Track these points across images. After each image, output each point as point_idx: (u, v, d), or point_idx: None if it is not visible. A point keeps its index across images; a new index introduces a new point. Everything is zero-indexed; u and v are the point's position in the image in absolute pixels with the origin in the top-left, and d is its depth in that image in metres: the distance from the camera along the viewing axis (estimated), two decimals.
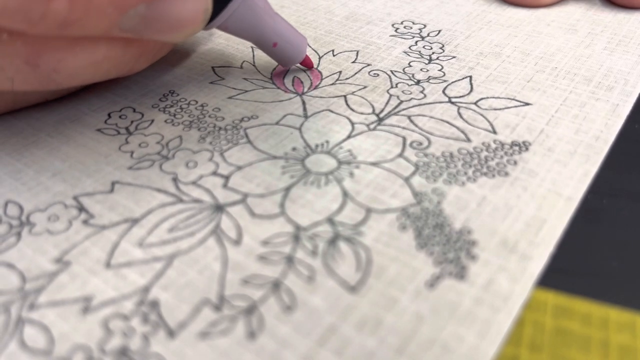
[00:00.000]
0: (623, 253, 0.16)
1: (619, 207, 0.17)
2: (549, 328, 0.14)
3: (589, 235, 0.16)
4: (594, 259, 0.15)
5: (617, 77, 0.22)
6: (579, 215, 0.16)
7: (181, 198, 0.17)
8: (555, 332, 0.13)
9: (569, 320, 0.14)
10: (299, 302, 0.14)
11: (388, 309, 0.14)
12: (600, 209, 0.17)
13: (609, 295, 0.14)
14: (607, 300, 0.14)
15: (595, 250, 0.16)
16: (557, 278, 0.15)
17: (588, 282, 0.15)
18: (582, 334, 0.13)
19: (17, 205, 0.17)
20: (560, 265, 0.15)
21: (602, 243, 0.16)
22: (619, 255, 0.16)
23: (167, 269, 0.15)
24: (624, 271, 0.15)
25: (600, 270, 0.15)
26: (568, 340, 0.13)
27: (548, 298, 0.14)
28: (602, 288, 0.15)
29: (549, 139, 0.19)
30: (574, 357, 0.13)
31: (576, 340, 0.13)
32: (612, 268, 0.15)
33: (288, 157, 0.18)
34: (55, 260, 0.15)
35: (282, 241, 0.15)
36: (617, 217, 0.17)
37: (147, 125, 0.20)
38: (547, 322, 0.14)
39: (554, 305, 0.14)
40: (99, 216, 0.16)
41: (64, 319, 0.14)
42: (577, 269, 0.15)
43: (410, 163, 0.18)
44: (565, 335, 0.13)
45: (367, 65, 0.23)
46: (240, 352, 0.13)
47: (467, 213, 0.16)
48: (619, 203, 0.17)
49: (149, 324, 0.13)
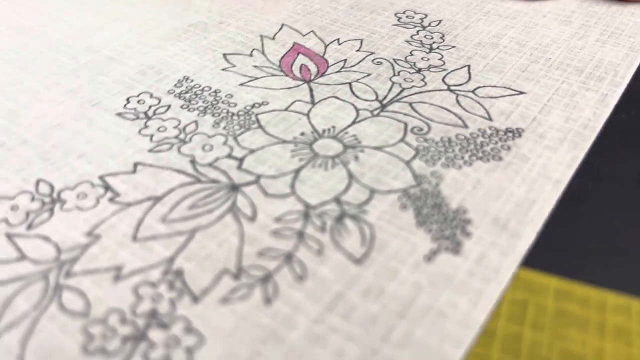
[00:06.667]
0: (604, 234, 0.17)
1: (602, 191, 0.19)
2: (551, 310, 0.15)
3: (573, 216, 0.18)
4: (578, 239, 0.17)
5: (608, 68, 0.23)
6: (565, 197, 0.18)
7: (199, 178, 0.18)
8: (555, 314, 0.15)
9: (569, 302, 0.15)
10: (310, 272, 0.15)
11: (390, 279, 0.15)
12: (585, 193, 0.18)
13: (586, 272, 0.16)
14: (584, 277, 0.16)
15: (579, 230, 0.17)
16: (547, 256, 0.16)
17: (571, 259, 0.16)
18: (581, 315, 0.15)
19: (48, 184, 0.18)
20: (546, 243, 0.16)
21: (587, 223, 0.17)
22: (600, 236, 0.17)
23: (189, 242, 0.16)
24: (605, 250, 0.17)
25: (585, 248, 0.17)
26: (567, 321, 0.14)
27: (550, 282, 0.15)
28: (580, 265, 0.16)
29: (541, 126, 0.20)
30: (573, 336, 0.14)
31: (575, 321, 0.14)
32: (596, 247, 0.17)
33: (297, 141, 0.20)
34: (86, 234, 0.16)
35: (293, 218, 0.17)
36: (600, 200, 0.18)
37: (164, 110, 0.21)
38: (549, 304, 0.15)
39: (555, 288, 0.15)
40: (124, 194, 0.18)
41: (98, 285, 0.15)
42: (563, 246, 0.17)
43: (411, 147, 0.19)
44: (565, 316, 0.15)
45: (371, 54, 0.24)
46: (257, 316, 0.14)
47: (463, 194, 0.18)
48: (603, 187, 0.19)
49: (175, 290, 0.15)
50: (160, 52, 0.25)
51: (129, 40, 0.26)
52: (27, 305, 0.15)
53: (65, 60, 0.24)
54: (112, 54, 0.25)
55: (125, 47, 0.25)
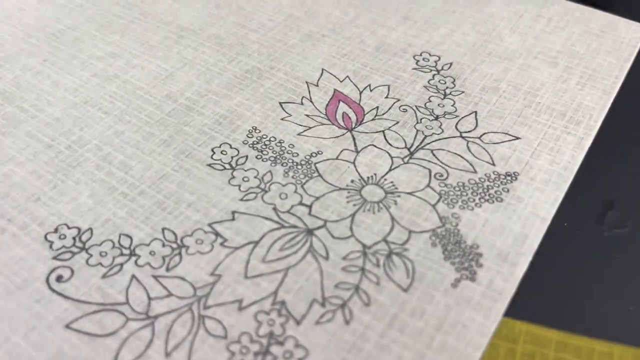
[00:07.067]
0: (577, 270, 0.24)
1: (576, 229, 0.25)
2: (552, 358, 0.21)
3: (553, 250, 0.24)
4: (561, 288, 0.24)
5: (584, 112, 0.30)
6: (548, 232, 0.25)
7: (282, 224, 0.25)
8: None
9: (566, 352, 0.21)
10: (372, 299, 0.22)
11: (428, 302, 0.22)
12: (563, 230, 0.25)
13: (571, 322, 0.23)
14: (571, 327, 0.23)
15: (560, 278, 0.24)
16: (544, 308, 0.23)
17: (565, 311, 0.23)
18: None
19: (172, 232, 0.25)
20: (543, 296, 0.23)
21: (563, 260, 0.24)
22: (572, 276, 0.24)
23: (285, 278, 0.23)
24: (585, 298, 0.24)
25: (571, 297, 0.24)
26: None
27: (552, 335, 0.22)
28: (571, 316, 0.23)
29: (532, 170, 0.27)
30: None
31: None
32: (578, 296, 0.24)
33: (349, 188, 0.26)
34: (210, 274, 0.23)
35: (355, 256, 0.24)
36: (575, 238, 0.25)
37: (243, 161, 0.27)
38: (550, 354, 0.21)
39: (556, 340, 0.22)
40: (230, 240, 0.24)
41: (228, 314, 0.22)
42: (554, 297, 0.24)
43: (435, 192, 0.26)
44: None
45: (397, 100, 0.31)
46: (341, 333, 0.21)
47: (476, 232, 0.24)
48: (578, 225, 0.26)
49: (282, 316, 0.22)
50: (228, 101, 0.30)
51: (199, 89, 0.31)
52: (184, 331, 0.21)
53: (151, 109, 0.30)
54: (189, 103, 0.30)
55: (198, 95, 0.31)
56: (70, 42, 0.34)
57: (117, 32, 0.35)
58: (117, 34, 0.35)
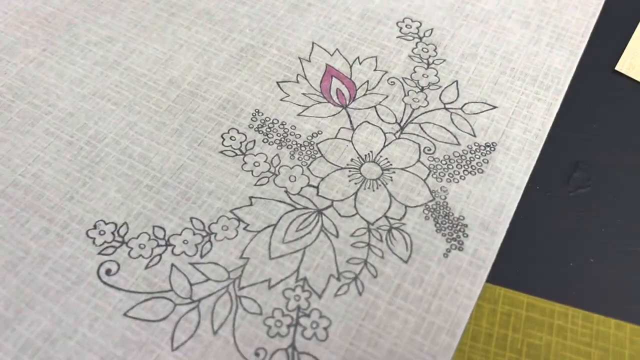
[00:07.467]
0: (543, 235, 0.29)
1: (546, 192, 0.30)
2: (523, 317, 0.26)
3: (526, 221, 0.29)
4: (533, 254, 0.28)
5: (553, 76, 0.33)
6: (522, 197, 0.29)
7: (295, 206, 0.28)
8: (526, 319, 0.27)
9: (534, 312, 0.26)
10: (379, 271, 0.27)
11: (425, 272, 0.27)
12: (535, 193, 0.29)
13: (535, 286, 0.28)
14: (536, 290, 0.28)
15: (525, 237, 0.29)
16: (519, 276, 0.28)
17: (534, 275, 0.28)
18: (539, 319, 0.26)
19: (199, 221, 0.28)
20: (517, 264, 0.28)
21: (534, 226, 0.29)
22: (541, 238, 0.29)
23: (304, 257, 0.27)
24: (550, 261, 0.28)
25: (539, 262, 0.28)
26: (532, 325, 0.26)
27: (523, 298, 0.27)
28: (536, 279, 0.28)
29: (507, 139, 0.31)
30: (535, 334, 0.26)
31: (536, 324, 0.26)
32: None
33: (350, 167, 0.30)
34: (239, 257, 0.27)
35: (361, 233, 0.28)
36: (545, 200, 0.29)
37: (251, 146, 0.30)
38: (522, 313, 0.26)
39: (526, 302, 0.27)
40: (251, 224, 0.28)
41: (260, 293, 0.26)
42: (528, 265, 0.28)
43: (425, 166, 0.30)
44: (531, 321, 0.27)
45: (385, 73, 0.33)
46: (356, 303, 0.26)
47: (461, 204, 0.28)
48: (547, 188, 0.30)
49: (306, 291, 0.26)
50: (228, 83, 0.33)
51: (199, 72, 0.33)
52: (225, 311, 0.26)
53: (158, 97, 0.32)
54: (192, 88, 0.32)
55: (199, 79, 0.33)
56: (64, 27, 0.35)
57: (107, 13, 0.35)
58: (107, 14, 0.35)
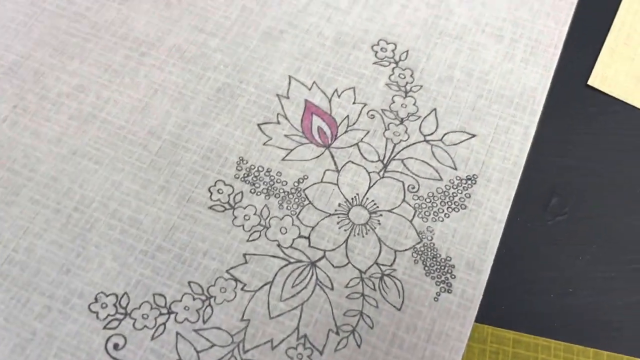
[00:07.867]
0: (521, 261, 0.30)
1: (526, 222, 0.31)
2: (510, 353, 0.28)
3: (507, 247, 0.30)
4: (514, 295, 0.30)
5: (529, 96, 0.33)
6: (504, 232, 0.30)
7: (289, 260, 0.29)
8: (512, 356, 0.28)
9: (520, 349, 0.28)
10: (374, 321, 0.28)
11: (418, 317, 0.28)
12: (515, 225, 0.31)
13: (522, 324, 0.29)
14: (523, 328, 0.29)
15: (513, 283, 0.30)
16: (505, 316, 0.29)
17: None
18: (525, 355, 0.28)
19: (197, 284, 0.29)
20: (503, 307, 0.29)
21: (516, 252, 0.30)
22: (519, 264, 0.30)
23: (302, 314, 0.28)
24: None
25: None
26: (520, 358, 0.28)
27: (510, 335, 0.29)
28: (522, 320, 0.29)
29: (487, 170, 0.31)
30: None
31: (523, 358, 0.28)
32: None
33: (338, 212, 0.30)
34: (240, 320, 0.28)
35: (355, 283, 0.29)
36: (525, 232, 0.31)
37: (240, 198, 0.31)
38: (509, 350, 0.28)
39: (512, 339, 0.28)
40: (248, 284, 0.29)
41: (264, 354, 0.27)
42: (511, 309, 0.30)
43: (410, 206, 0.31)
44: (518, 357, 0.28)
45: (365, 105, 0.33)
46: (355, 356, 0.27)
47: (447, 244, 0.30)
48: (527, 217, 0.31)
49: (307, 348, 0.28)
50: (209, 130, 0.32)
51: (178, 120, 0.33)
52: None
53: (139, 151, 0.32)
54: (173, 139, 0.32)
55: (179, 128, 0.32)
56: (32, 77, 0.34)
57: (74, 57, 0.34)
58: (75, 59, 0.34)
